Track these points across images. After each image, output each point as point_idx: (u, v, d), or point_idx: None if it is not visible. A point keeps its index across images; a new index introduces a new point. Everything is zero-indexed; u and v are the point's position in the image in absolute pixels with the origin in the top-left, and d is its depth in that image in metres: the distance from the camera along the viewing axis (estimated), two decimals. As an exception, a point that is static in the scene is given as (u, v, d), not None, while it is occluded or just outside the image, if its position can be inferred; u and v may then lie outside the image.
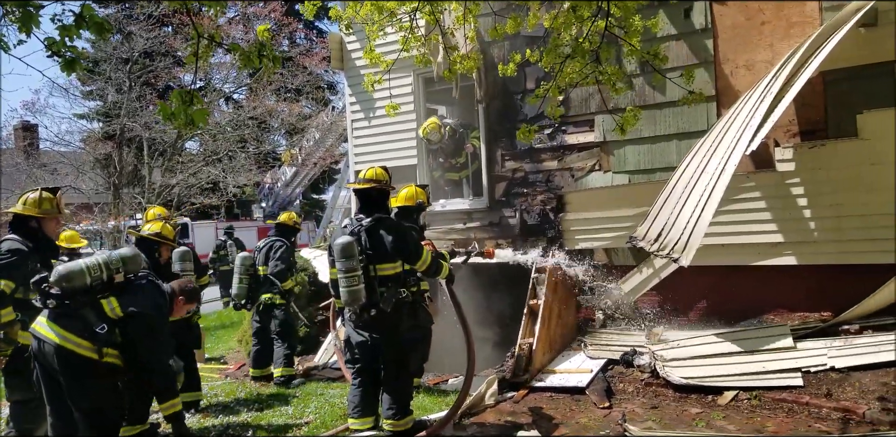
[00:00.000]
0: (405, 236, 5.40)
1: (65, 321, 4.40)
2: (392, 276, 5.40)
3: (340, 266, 5.17)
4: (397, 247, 5.33)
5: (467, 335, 5.88)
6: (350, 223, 5.54)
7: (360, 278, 5.18)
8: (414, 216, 6.87)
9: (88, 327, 4.43)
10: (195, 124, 3.75)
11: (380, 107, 9.92)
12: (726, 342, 6.46)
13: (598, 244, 8.20)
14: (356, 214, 5.62)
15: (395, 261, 5.40)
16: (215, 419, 6.58)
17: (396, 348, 5.47)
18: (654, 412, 5.81)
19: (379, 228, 5.37)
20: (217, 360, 10.66)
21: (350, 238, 5.25)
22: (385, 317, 5.35)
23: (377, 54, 6.22)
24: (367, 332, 5.43)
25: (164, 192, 17.31)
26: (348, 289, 5.16)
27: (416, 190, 6.97)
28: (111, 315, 4.50)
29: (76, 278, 4.37)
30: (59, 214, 5.21)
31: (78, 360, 4.39)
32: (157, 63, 19.12)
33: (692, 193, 5.88)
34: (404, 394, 5.49)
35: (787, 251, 6.92)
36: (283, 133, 27.15)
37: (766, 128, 5.65)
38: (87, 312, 4.45)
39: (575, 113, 8.45)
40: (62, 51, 3.62)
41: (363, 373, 5.58)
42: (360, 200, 5.66)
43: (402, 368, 5.52)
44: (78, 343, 4.39)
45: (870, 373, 5.68)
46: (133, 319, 4.55)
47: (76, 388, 4.40)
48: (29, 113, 19.30)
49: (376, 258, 5.34)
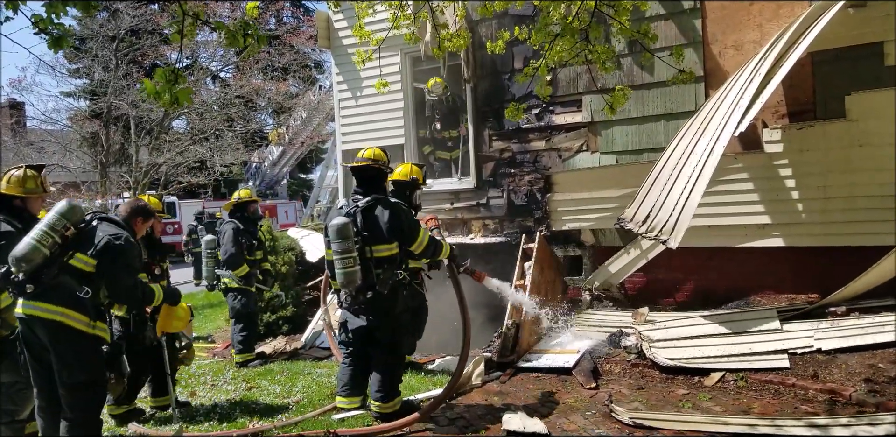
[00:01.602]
0: (401, 217, 5.32)
1: (49, 295, 4.36)
2: (388, 257, 5.31)
3: (336, 247, 5.10)
4: (392, 227, 5.26)
5: (464, 317, 5.84)
6: (346, 204, 5.46)
7: (355, 260, 5.11)
8: (407, 193, 6.83)
9: (73, 295, 4.42)
10: (179, 103, 3.71)
11: (367, 86, 9.83)
12: (713, 324, 6.49)
13: (585, 225, 8.19)
14: (353, 194, 5.53)
15: (392, 242, 5.31)
16: (203, 398, 6.58)
17: (391, 331, 5.43)
18: (641, 392, 5.84)
19: (375, 208, 5.31)
20: (204, 339, 10.65)
21: (346, 219, 5.17)
22: (381, 299, 5.30)
23: (367, 31, 6.13)
24: (364, 315, 5.38)
25: (151, 170, 17.18)
26: (344, 270, 5.09)
27: (413, 167, 6.92)
28: (88, 269, 4.48)
29: (33, 255, 4.30)
30: (45, 193, 5.10)
31: (71, 332, 4.39)
32: (144, 41, 18.85)
33: (680, 174, 5.87)
34: (394, 376, 5.48)
35: (774, 233, 6.94)
36: (270, 112, 26.97)
37: (754, 109, 5.63)
38: (65, 279, 4.42)
39: (563, 93, 8.40)
40: (49, 28, 3.57)
41: (355, 355, 5.58)
42: (358, 179, 5.55)
43: (395, 350, 5.51)
44: (68, 315, 4.38)
45: (856, 355, 5.71)
46: (102, 254, 4.52)
47: (70, 361, 4.38)
48: (16, 91, 19.12)
49: (372, 239, 5.27)
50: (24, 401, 4.78)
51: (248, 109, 21.13)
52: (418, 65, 9.98)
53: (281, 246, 10.36)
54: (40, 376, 4.45)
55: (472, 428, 5.16)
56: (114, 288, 4.65)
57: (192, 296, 16.13)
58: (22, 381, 4.72)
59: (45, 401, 4.49)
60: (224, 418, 5.85)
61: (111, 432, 5.54)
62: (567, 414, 5.39)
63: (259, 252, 8.62)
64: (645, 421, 5.00)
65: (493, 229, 9.10)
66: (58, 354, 4.38)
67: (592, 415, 5.33)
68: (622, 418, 5.09)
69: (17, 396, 4.76)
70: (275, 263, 9.67)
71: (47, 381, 4.45)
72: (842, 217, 6.60)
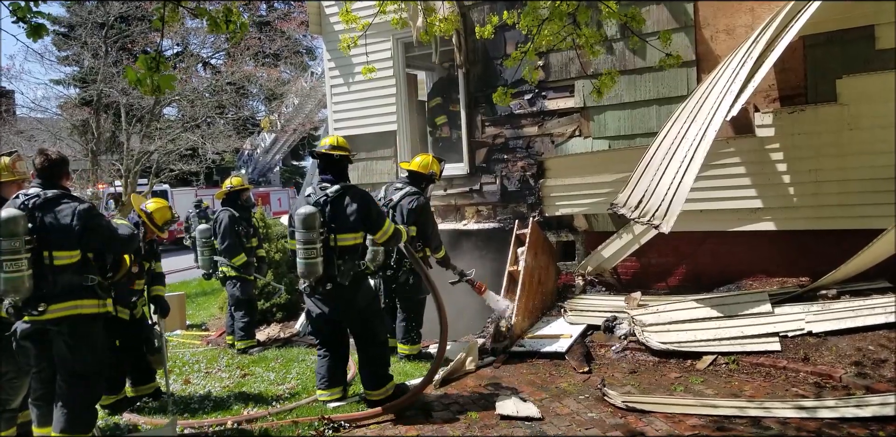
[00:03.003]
0: (370, 205, 5.28)
1: (58, 297, 4.36)
2: (351, 247, 5.27)
3: (300, 237, 5.06)
4: (361, 216, 5.21)
5: (437, 300, 5.80)
6: (313, 192, 5.35)
7: (318, 251, 5.08)
8: (423, 185, 6.84)
9: (80, 285, 4.44)
10: (161, 91, 3.68)
11: (359, 72, 9.67)
12: (705, 308, 6.52)
13: (578, 210, 8.20)
14: (319, 182, 5.43)
15: (357, 231, 5.28)
16: (197, 386, 6.60)
17: (357, 321, 5.42)
18: (633, 376, 5.87)
19: (344, 197, 5.24)
20: (198, 327, 10.67)
21: (313, 209, 5.11)
22: (342, 290, 5.28)
23: (353, 16, 6.08)
24: (325, 306, 5.37)
25: (142, 158, 17.06)
26: (306, 261, 5.07)
27: (433, 160, 6.93)
28: (73, 260, 4.42)
29: (18, 283, 4.20)
30: (13, 178, 4.95)
31: (84, 319, 4.45)
32: (133, 28, 18.66)
33: (673, 159, 5.87)
34: (380, 364, 5.45)
35: (765, 217, 6.95)
36: (261, 99, 26.81)
37: (746, 93, 5.63)
38: (64, 278, 4.39)
39: (555, 78, 8.37)
40: (27, 16, 3.52)
41: (326, 344, 5.56)
42: (325, 166, 5.45)
43: (371, 339, 5.47)
44: (81, 305, 4.42)
45: (846, 338, 5.75)
46: (86, 236, 4.47)
47: (80, 348, 4.41)
48: (4, 79, 18.90)
49: (338, 229, 5.20)
50: (16, 390, 4.77)
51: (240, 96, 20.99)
52: (411, 50, 9.94)
53: (274, 233, 10.36)
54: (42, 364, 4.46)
55: (466, 413, 5.19)
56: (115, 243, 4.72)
57: (185, 284, 16.17)
58: (13, 370, 4.70)
59: (45, 390, 4.50)
60: (218, 405, 5.87)
61: (105, 421, 5.55)
62: (560, 398, 5.42)
63: (254, 240, 8.63)
64: (637, 405, 5.04)
65: (487, 215, 9.10)
66: (69, 343, 4.39)
67: (585, 399, 5.37)
68: (615, 401, 5.13)
69: (9, 385, 4.74)
70: (268, 250, 9.66)
71: (50, 370, 4.45)
72: (833, 201, 6.61)
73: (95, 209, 4.61)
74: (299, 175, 34.99)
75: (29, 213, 4.32)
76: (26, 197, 4.41)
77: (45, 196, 4.42)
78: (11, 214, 4.22)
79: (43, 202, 4.39)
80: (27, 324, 4.35)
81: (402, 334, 6.94)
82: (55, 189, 4.50)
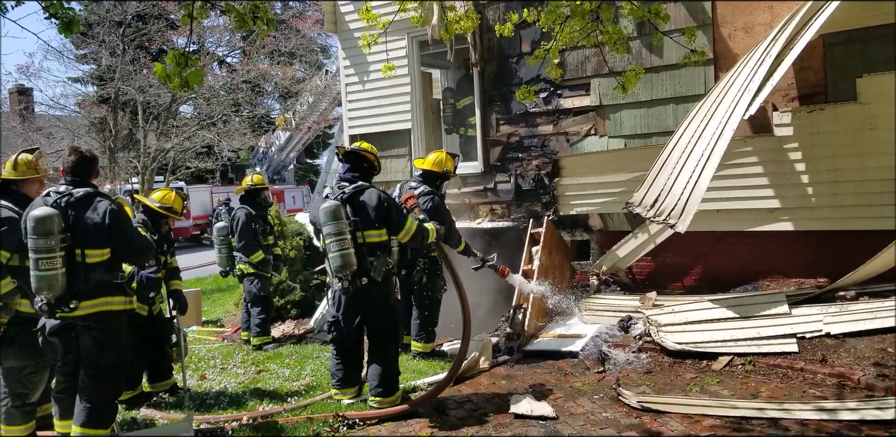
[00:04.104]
0: (389, 204, 5.25)
1: (89, 294, 4.40)
2: (379, 243, 5.23)
3: (329, 230, 5.01)
4: (380, 215, 5.18)
5: (462, 299, 5.77)
6: (331, 192, 5.35)
7: (350, 242, 5.02)
8: (437, 182, 6.80)
9: (110, 283, 4.48)
10: (189, 86, 3.73)
11: (374, 70, 9.80)
12: (721, 308, 6.47)
13: (593, 209, 8.17)
14: (337, 181, 5.42)
15: (381, 228, 5.23)
16: (213, 382, 6.63)
17: (384, 318, 5.36)
18: (649, 376, 5.84)
19: (362, 193, 5.22)
20: (214, 323, 10.74)
21: (336, 202, 5.11)
22: (376, 287, 5.23)
23: (374, 15, 6.09)
24: (358, 304, 5.29)
25: (159, 156, 17.18)
26: (340, 253, 4.99)
27: (446, 157, 6.87)
28: (104, 258, 4.45)
29: (52, 281, 4.23)
30: (37, 175, 5.01)
31: (113, 315, 4.49)
32: (151, 26, 18.79)
33: (689, 158, 5.83)
34: (392, 370, 5.35)
35: (783, 217, 6.90)
36: (276, 97, 26.91)
37: (764, 92, 5.57)
38: (96, 275, 4.42)
39: (571, 77, 8.34)
40: (59, 13, 3.58)
41: (345, 345, 5.47)
42: (350, 167, 5.45)
43: (391, 338, 5.41)
44: (111, 302, 4.48)
45: (865, 339, 5.69)
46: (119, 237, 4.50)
47: (106, 343, 4.44)
48: (24, 76, 19.06)
49: (362, 225, 5.17)
50: (35, 385, 4.83)
51: (255, 94, 21.08)
52: (425, 49, 9.93)
53: (289, 231, 10.41)
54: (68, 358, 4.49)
55: (479, 411, 5.19)
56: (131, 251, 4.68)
57: (201, 280, 16.26)
58: (32, 365, 4.76)
59: (68, 383, 4.54)
60: (234, 401, 5.90)
61: (122, 415, 5.59)
62: (575, 398, 5.40)
63: (270, 237, 8.68)
64: (653, 405, 5.01)
65: (501, 213, 9.08)
66: (96, 337, 4.42)
67: (600, 399, 5.35)
68: (630, 401, 5.11)
69: (28, 379, 4.79)
70: (283, 248, 9.71)
71: (74, 363, 4.48)
72: (852, 201, 6.55)
73: (124, 211, 4.63)
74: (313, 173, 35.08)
75: (62, 211, 4.34)
76: (58, 195, 4.43)
77: (76, 194, 4.44)
78: (46, 212, 4.24)
79: (75, 201, 4.42)
80: (56, 320, 4.37)
81: (417, 332, 6.93)
82: (85, 187, 4.53)
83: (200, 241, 27.43)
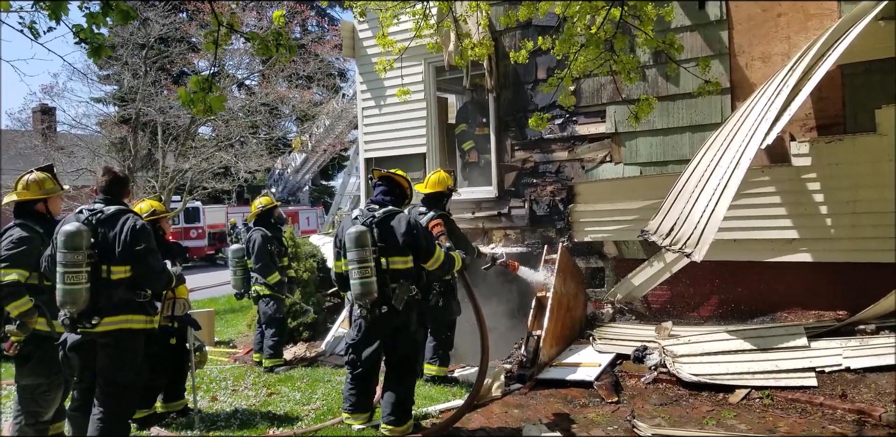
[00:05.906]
0: (419, 233, 5.18)
1: (111, 310, 4.44)
2: (404, 271, 5.13)
3: (353, 256, 4.92)
4: (408, 242, 5.10)
5: (481, 327, 5.70)
6: (360, 214, 5.28)
7: (372, 270, 4.93)
8: (443, 202, 6.77)
9: (133, 301, 4.55)
10: (213, 111, 3.78)
11: (390, 95, 9.85)
12: (738, 339, 6.38)
13: (607, 237, 8.13)
14: (367, 204, 5.39)
15: (407, 255, 5.14)
16: (223, 403, 6.59)
17: (404, 347, 5.27)
18: (664, 408, 5.75)
19: (392, 218, 5.16)
20: (226, 343, 10.72)
21: (363, 227, 5.03)
22: (396, 315, 5.13)
23: (390, 40, 6.17)
24: (378, 333, 5.18)
25: (177, 176, 17.32)
26: (361, 281, 4.90)
27: (444, 175, 6.84)
28: (127, 275, 4.51)
29: (76, 296, 4.29)
30: (62, 191, 5.16)
31: (131, 334, 4.54)
32: (172, 49, 19.09)
33: (706, 186, 5.80)
34: (407, 398, 5.25)
35: (802, 248, 6.83)
36: (294, 120, 27.18)
37: (782, 121, 5.56)
38: (119, 293, 4.48)
39: (586, 103, 8.36)
40: (88, 38, 3.66)
41: (358, 367, 5.32)
42: (385, 189, 5.43)
43: (410, 367, 5.33)
44: (131, 319, 4.53)
45: (886, 375, 5.56)
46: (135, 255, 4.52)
47: (122, 361, 4.48)
48: (47, 96, 19.40)
49: (388, 251, 5.09)
50: (48, 403, 4.84)
51: (273, 117, 21.29)
52: (441, 74, 10.00)
53: (303, 253, 10.41)
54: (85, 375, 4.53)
55: (491, 441, 5.12)
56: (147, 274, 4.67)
57: (214, 300, 16.28)
58: (46, 384, 4.78)
59: (83, 401, 4.56)
60: (245, 423, 5.86)
61: (133, 434, 5.56)
62: (588, 429, 5.33)
63: (285, 259, 8.71)
64: (667, 437, 4.93)
65: (515, 238, 9.06)
66: (112, 354, 4.46)
67: (614, 430, 5.27)
68: (644, 433, 5.03)
69: (42, 398, 4.80)
70: (297, 269, 9.71)
71: (90, 381, 4.52)
72: (872, 233, 6.47)
73: (147, 230, 4.66)
74: (328, 194, 35.28)
75: (92, 228, 4.44)
76: (90, 212, 4.54)
77: (107, 212, 4.55)
78: (76, 227, 4.34)
79: (105, 218, 4.52)
80: (77, 335, 4.42)
81: (430, 355, 6.88)
82: (117, 205, 4.64)
83: (215, 260, 27.58)
